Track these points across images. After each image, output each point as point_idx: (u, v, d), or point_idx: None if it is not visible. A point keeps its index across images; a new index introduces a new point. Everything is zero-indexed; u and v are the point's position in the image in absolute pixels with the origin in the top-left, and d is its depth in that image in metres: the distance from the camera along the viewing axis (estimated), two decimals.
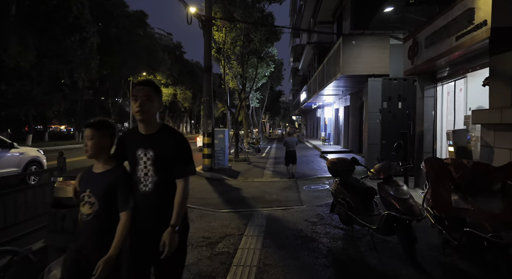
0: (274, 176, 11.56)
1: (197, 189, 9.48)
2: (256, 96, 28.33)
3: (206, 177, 11.72)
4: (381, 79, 10.36)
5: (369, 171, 4.52)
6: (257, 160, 16.38)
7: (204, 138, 12.59)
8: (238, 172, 12.30)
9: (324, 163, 14.63)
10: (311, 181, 10.35)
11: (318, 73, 17.31)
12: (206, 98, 12.55)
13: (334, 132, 23.85)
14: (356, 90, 15.74)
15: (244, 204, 7.60)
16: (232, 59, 17.77)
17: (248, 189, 9.34)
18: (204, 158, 12.52)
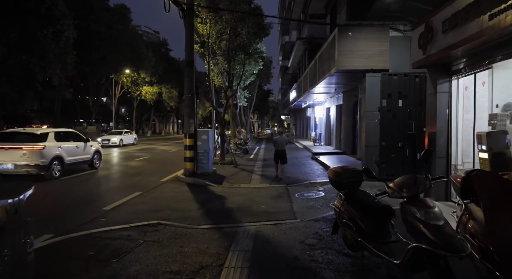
0: (263, 181, 10.51)
1: (176, 198, 8.36)
2: (244, 95, 27.22)
3: (188, 183, 10.60)
4: (380, 75, 9.41)
5: (387, 186, 3.47)
6: (245, 162, 15.31)
7: (185, 139, 11.46)
8: (224, 177, 11.21)
9: (317, 166, 13.63)
10: (304, 188, 9.33)
11: (310, 70, 16.33)
12: (187, 96, 11.42)
13: (325, 132, 22.95)
14: (350, 87, 14.81)
15: (228, 217, 6.53)
16: (218, 54, 16.64)
17: (234, 198, 8.27)
18: (186, 162, 11.39)
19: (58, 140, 11.32)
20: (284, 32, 40.30)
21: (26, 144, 10.28)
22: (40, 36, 19.74)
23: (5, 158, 10.10)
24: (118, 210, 7.12)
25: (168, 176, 11.81)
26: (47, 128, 12.54)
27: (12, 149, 10.20)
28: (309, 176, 11.23)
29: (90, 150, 13.04)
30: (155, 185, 10.12)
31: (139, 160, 17.05)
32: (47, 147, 10.68)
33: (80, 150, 12.45)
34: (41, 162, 10.33)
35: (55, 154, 10.93)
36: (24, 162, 10.13)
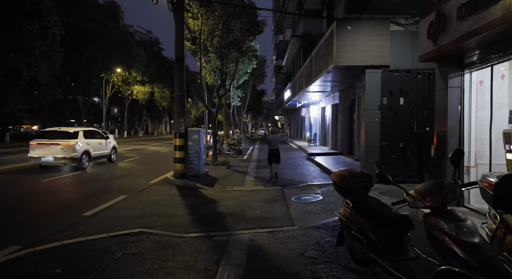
0: (257, 183, 9.97)
1: (164, 202, 7.77)
2: (237, 94, 26.66)
3: (178, 185, 10.02)
4: (380, 71, 8.92)
5: (407, 193, 2.94)
6: (238, 163, 14.75)
7: (175, 139, 10.86)
8: (216, 179, 10.64)
9: (313, 167, 13.12)
10: (300, 190, 8.80)
11: (305, 68, 15.83)
12: (177, 93, 10.83)
13: (321, 132, 22.47)
14: (347, 86, 14.34)
15: (219, 224, 5.97)
16: (210, 52, 16.06)
17: (226, 201, 7.71)
18: (176, 163, 10.80)
19: (86, 138, 13.40)
20: (278, 31, 39.81)
21: (63, 141, 12.48)
22: (25, 33, 19.00)
23: (47, 152, 12.37)
24: (99, 216, 6.52)
25: (157, 178, 11.21)
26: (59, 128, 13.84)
27: (52, 144, 12.43)
28: (305, 177, 10.70)
29: (109, 146, 15.20)
30: (143, 187, 9.51)
31: (128, 161, 16.40)
32: (79, 143, 12.81)
33: (103, 146, 14.68)
34: (74, 155, 12.47)
35: (85, 149, 13.06)
36: (61, 155, 12.31)
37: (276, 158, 10.52)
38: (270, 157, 10.61)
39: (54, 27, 21.64)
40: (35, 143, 12.50)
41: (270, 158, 10.61)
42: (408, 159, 8.90)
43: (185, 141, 10.99)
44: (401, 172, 8.96)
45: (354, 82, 12.88)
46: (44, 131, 13.58)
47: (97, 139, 14.37)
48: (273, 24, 49.44)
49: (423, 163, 8.73)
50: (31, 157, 12.41)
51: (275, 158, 10.51)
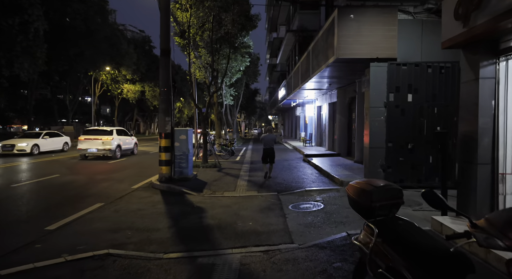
0: (250, 188, 9.05)
1: (144, 211, 6.83)
2: (230, 93, 25.71)
3: (162, 190, 9.09)
4: (386, 65, 8.06)
5: (472, 223, 2.00)
6: (230, 165, 13.82)
7: (161, 140, 9.91)
8: (205, 183, 9.71)
9: (311, 170, 12.23)
10: (298, 197, 7.90)
11: (301, 64, 14.95)
12: (163, 89, 9.88)
13: (317, 132, 21.62)
14: (346, 82, 13.49)
15: (205, 240, 5.07)
16: (201, 46, 15.10)
17: (215, 210, 6.80)
18: (161, 166, 9.85)
19: (118, 134, 17.24)
20: (272, 29, 38.94)
21: (103, 137, 16.39)
22: (5, 27, 17.85)
23: (91, 145, 16.26)
24: (64, 230, 5.55)
25: (141, 182, 10.27)
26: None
27: (96, 139, 16.30)
28: (303, 182, 9.81)
29: (132, 142, 18.94)
30: (123, 193, 8.56)
31: (113, 162, 15.38)
32: (114, 138, 16.65)
33: (129, 142, 18.40)
34: (111, 148, 16.27)
35: (117, 143, 16.72)
36: (102, 147, 16.16)
37: (271, 158, 10.24)
38: (264, 157, 10.30)
39: (36, 22, 20.48)
40: (82, 139, 16.45)
41: (264, 158, 10.31)
42: (417, 162, 8.05)
43: (172, 141, 10.05)
44: (409, 177, 8.12)
45: (354, 78, 12.03)
46: (88, 129, 17.96)
47: (125, 136, 18.17)
48: (267, 22, 48.59)
49: (434, 167, 7.89)
50: (80, 149, 16.36)
51: (269, 157, 10.22)
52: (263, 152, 10.38)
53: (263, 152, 10.35)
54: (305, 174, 11.31)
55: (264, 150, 10.34)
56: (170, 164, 9.95)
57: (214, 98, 20.01)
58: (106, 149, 16.10)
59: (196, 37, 14.44)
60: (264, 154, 10.30)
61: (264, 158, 10.33)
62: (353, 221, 5.78)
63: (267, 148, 10.30)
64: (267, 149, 10.29)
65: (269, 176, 10.26)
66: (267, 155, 10.25)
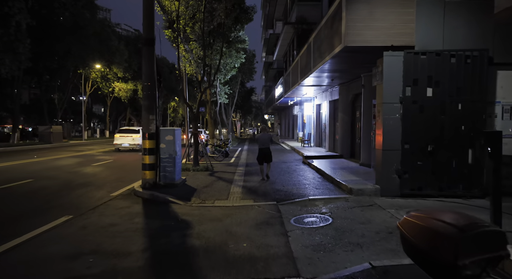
0: (245, 195, 7.94)
1: (118, 227, 5.69)
2: (224, 91, 24.52)
3: (145, 198, 7.96)
4: (402, 54, 6.97)
5: None
6: (224, 168, 12.69)
7: (144, 141, 8.76)
8: (194, 190, 8.59)
9: (312, 173, 11.10)
10: (301, 207, 6.80)
11: (301, 58, 13.85)
12: (146, 84, 8.73)
13: (316, 132, 20.54)
14: (350, 77, 12.41)
15: (186, 271, 3.98)
16: (192, 40, 13.94)
17: (203, 226, 5.68)
18: (145, 170, 8.70)
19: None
20: (268, 25, 37.88)
21: (133, 134, 21.09)
22: None
23: (124, 141, 20.89)
24: (6, 257, 4.39)
25: (122, 188, 9.14)
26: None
27: (127, 137, 21.00)
28: (305, 188, 8.69)
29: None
30: (98, 203, 7.42)
31: (97, 165, 14.20)
32: (140, 136, 19.54)
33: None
34: (139, 143, 19.86)
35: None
36: (132, 143, 20.77)
37: (267, 158, 9.84)
38: (260, 157, 9.89)
39: (18, 15, 19.21)
40: (118, 136, 21.35)
41: (260, 158, 9.90)
42: (438, 167, 6.97)
43: (157, 143, 8.91)
44: (429, 184, 7.04)
45: (360, 72, 10.95)
46: (122, 129, 22.92)
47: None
48: (262, 19, 47.49)
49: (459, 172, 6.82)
50: (115, 144, 21.00)
51: (266, 158, 9.83)
52: (258, 152, 9.90)
53: (259, 152, 9.88)
54: (306, 178, 10.20)
55: (260, 150, 9.86)
56: (154, 168, 8.81)
57: (207, 95, 18.83)
58: (135, 144, 20.45)
59: (187, 29, 13.28)
60: (260, 154, 9.85)
61: (260, 158, 9.88)
62: (371, 242, 4.68)
63: (263, 147, 9.82)
64: (263, 149, 9.82)
65: (267, 176, 9.84)
66: (263, 155, 9.80)
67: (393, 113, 7.09)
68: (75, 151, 21.23)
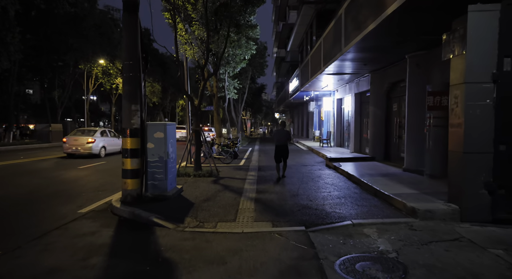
0: (260, 214, 5.72)
1: (59, 276, 3.50)
2: (233, 85, 22.34)
3: (123, 218, 5.81)
4: (499, 7, 4.64)
5: None
6: (231, 172, 10.46)
7: (124, 139, 6.58)
8: (191, 205, 6.40)
9: (344, 181, 8.74)
10: (344, 238, 4.54)
11: (324, 40, 11.52)
12: (127, 63, 6.54)
13: (336, 130, 18.17)
14: (389, 61, 10.07)
15: None
16: (195, 19, 11.74)
17: (195, 275, 3.49)
18: (126, 178, 6.53)
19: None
20: (280, 18, 35.52)
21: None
22: None
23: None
24: None
25: (99, 200, 7.04)
26: None
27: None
28: (341, 204, 6.39)
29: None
30: (55, 225, 5.32)
31: (85, 167, 12.13)
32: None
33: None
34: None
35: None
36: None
37: (284, 156, 9.19)
38: (277, 155, 9.23)
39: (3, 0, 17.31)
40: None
41: (277, 156, 9.23)
42: None
43: (142, 142, 6.73)
44: None
45: (403, 52, 8.63)
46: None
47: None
48: (273, 13, 45.14)
49: None
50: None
51: (283, 156, 9.18)
52: (275, 149, 9.23)
53: (276, 150, 9.21)
54: (338, 188, 7.88)
55: (277, 147, 9.20)
56: (139, 176, 6.62)
57: (213, 88, 16.62)
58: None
59: (187, 6, 11.08)
60: (277, 152, 9.19)
61: (277, 156, 9.21)
62: None
63: (279, 145, 9.16)
64: (280, 147, 9.15)
65: (283, 175, 9.23)
66: (280, 152, 9.15)
67: (481, 98, 4.77)
68: None
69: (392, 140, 11.15)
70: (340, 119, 17.88)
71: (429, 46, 7.88)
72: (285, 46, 34.35)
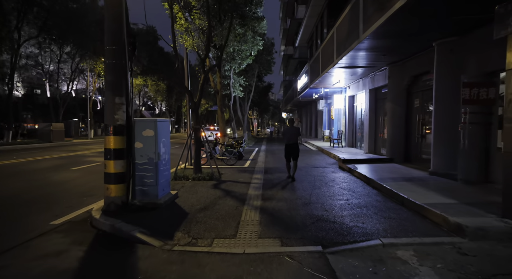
0: (266, 228, 4.73)
1: None
2: (239, 82, 21.33)
3: (102, 231, 4.85)
4: None
5: None
6: (235, 175, 9.46)
7: (107, 137, 5.62)
8: (184, 215, 5.43)
9: (363, 187, 7.64)
10: (374, 264, 3.51)
11: (338, 28, 10.46)
12: (110, 47, 5.57)
13: (348, 130, 17.05)
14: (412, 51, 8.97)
15: None
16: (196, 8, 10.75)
17: None
18: (109, 184, 5.58)
19: None
20: (288, 14, 34.43)
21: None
22: None
23: None
24: None
25: (81, 208, 6.14)
26: None
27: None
28: (363, 216, 5.33)
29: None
30: (18, 241, 4.41)
31: (78, 168, 11.23)
32: None
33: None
34: None
35: None
36: None
37: (294, 154, 8.63)
38: (287, 155, 8.75)
39: None
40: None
41: (287, 156, 8.76)
42: None
43: (128, 141, 5.76)
44: None
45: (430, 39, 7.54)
46: None
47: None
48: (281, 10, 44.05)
49: None
50: None
51: (293, 154, 8.64)
52: (285, 148, 8.74)
53: (286, 149, 8.72)
54: (357, 195, 6.82)
55: (287, 146, 8.68)
56: (124, 181, 5.66)
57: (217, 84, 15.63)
58: None
59: None
60: (287, 151, 8.69)
61: (287, 155, 8.73)
62: None
63: (290, 143, 8.61)
64: (290, 145, 8.63)
65: (292, 177, 8.53)
66: (290, 152, 8.65)
67: None
68: (68, 151, 18.42)
69: (413, 139, 10.04)
70: (352, 118, 16.77)
71: (462, 30, 6.80)
72: (293, 43, 33.26)
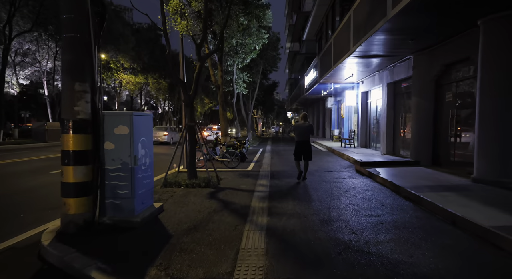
0: (277, 264, 3.34)
1: None
2: (243, 78, 20.00)
3: (50, 266, 3.49)
4: None
5: None
6: (236, 181, 8.09)
7: (65, 135, 4.28)
8: (166, 239, 4.07)
9: (391, 197, 6.20)
10: None
11: (355, 11, 9.05)
12: (68, 16, 4.23)
13: (361, 129, 15.63)
14: (445, 35, 7.56)
15: None
16: None
17: None
18: (68, 197, 4.24)
19: None
20: (294, 9, 33.08)
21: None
22: None
23: None
24: None
25: (38, 226, 4.83)
26: None
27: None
28: (407, 243, 3.93)
29: None
30: None
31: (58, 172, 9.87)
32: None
33: None
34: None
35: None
36: None
37: (306, 154, 7.88)
38: (297, 154, 7.98)
39: None
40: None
41: (297, 154, 7.98)
42: None
43: (95, 140, 4.43)
44: None
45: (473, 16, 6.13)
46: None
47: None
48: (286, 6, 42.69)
49: None
50: None
51: (304, 154, 7.89)
52: (295, 147, 8.01)
53: (296, 148, 7.97)
54: (389, 210, 5.40)
55: (297, 143, 7.96)
56: (89, 193, 4.32)
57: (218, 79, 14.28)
58: None
59: None
60: (298, 150, 7.91)
61: (297, 155, 7.94)
62: None
63: (301, 141, 7.92)
64: (301, 143, 7.90)
65: (303, 177, 7.97)
66: (301, 151, 7.88)
67: None
68: (57, 152, 17.14)
69: (443, 139, 8.60)
70: (365, 116, 15.35)
71: None
72: (299, 38, 31.89)
